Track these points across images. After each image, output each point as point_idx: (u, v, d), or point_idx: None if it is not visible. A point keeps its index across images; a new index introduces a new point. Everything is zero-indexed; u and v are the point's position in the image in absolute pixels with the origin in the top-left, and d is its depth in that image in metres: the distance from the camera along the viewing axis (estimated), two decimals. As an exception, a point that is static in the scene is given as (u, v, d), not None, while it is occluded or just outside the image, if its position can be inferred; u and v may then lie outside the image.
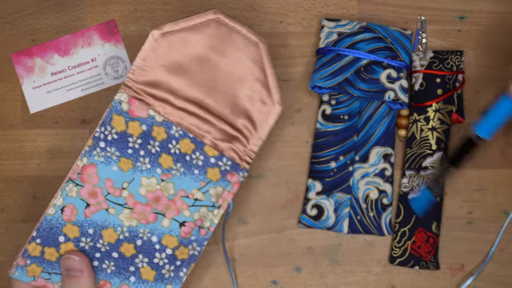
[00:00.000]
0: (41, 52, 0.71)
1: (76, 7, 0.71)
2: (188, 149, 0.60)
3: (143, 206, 0.60)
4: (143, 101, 0.61)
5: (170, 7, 0.71)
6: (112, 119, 0.59)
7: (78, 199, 0.59)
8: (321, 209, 0.69)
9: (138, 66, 0.61)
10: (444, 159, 0.68)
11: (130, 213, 0.60)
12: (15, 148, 0.71)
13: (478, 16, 0.71)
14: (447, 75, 0.69)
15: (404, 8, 0.71)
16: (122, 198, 0.59)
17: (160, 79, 0.61)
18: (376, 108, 0.69)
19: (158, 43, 0.61)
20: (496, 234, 0.70)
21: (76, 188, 0.59)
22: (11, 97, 0.71)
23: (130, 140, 0.59)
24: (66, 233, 0.59)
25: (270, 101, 0.62)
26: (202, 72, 0.62)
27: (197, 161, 0.60)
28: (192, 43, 0.61)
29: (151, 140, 0.60)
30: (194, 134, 0.61)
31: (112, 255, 0.60)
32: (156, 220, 0.60)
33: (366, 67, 0.68)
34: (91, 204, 0.59)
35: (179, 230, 0.60)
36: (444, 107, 0.69)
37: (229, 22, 0.61)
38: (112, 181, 0.59)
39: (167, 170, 0.60)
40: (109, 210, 0.60)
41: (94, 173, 0.59)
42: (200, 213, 0.61)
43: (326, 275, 0.70)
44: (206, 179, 0.61)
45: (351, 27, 0.69)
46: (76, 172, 0.59)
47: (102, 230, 0.60)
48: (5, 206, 0.70)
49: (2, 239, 0.70)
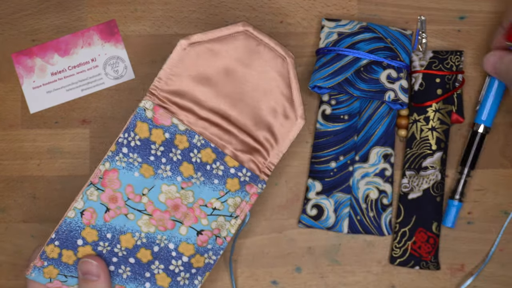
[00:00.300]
0: (41, 52, 0.71)
1: (76, 7, 0.71)
2: (209, 159, 0.61)
3: (162, 213, 0.60)
4: (167, 109, 0.61)
5: (170, 7, 0.71)
6: (136, 126, 0.60)
7: (98, 203, 0.59)
8: (321, 209, 0.69)
9: (164, 75, 0.61)
10: (460, 165, 0.69)
11: (149, 219, 0.60)
12: (15, 148, 0.71)
13: (478, 16, 0.71)
14: (447, 75, 0.69)
15: (404, 8, 0.71)
16: (142, 204, 0.60)
17: (186, 89, 0.61)
18: (376, 108, 0.69)
19: (185, 53, 0.61)
20: (496, 234, 0.70)
21: (97, 192, 0.59)
22: (11, 97, 0.71)
23: (153, 147, 0.60)
24: (84, 237, 0.59)
25: (293, 115, 0.62)
26: (228, 83, 0.62)
27: (217, 171, 0.61)
28: (220, 54, 0.61)
29: (173, 148, 0.60)
30: (215, 144, 0.61)
31: (129, 260, 0.60)
32: (174, 227, 0.60)
33: (366, 67, 0.68)
34: (111, 209, 0.59)
35: (196, 238, 0.61)
36: (444, 107, 0.69)
37: (257, 35, 0.61)
38: (132, 186, 0.60)
39: (188, 179, 0.60)
40: (128, 215, 0.60)
41: (116, 178, 0.59)
42: (218, 222, 0.61)
43: (326, 275, 0.70)
44: (225, 189, 0.61)
45: (351, 27, 0.69)
46: (97, 176, 0.59)
47: (120, 235, 0.60)
48: (5, 206, 0.70)
49: (2, 239, 0.70)
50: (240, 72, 0.62)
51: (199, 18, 0.71)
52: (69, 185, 0.71)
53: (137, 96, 0.71)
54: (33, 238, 0.70)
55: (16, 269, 0.70)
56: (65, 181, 0.71)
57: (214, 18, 0.71)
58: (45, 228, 0.70)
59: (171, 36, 0.71)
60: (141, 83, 0.71)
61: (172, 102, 0.61)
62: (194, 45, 0.61)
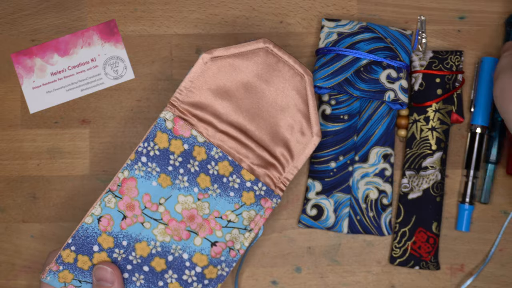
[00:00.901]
0: (40, 52, 0.71)
1: (76, 7, 0.71)
2: (226, 171, 0.61)
3: (177, 223, 0.60)
4: (187, 121, 0.62)
5: (170, 7, 0.71)
6: (155, 136, 0.60)
7: (115, 210, 0.60)
8: (321, 209, 0.69)
9: (185, 87, 0.62)
10: (464, 168, 0.70)
11: (164, 228, 0.60)
12: (15, 148, 0.71)
13: (478, 16, 0.71)
14: (447, 75, 0.69)
15: (404, 8, 0.71)
16: (158, 213, 0.60)
17: (206, 102, 0.62)
18: (376, 108, 0.69)
19: (207, 67, 0.62)
20: (496, 234, 0.70)
21: (115, 200, 0.60)
22: (10, 97, 0.71)
23: (171, 157, 0.60)
24: (100, 243, 0.60)
25: (309, 132, 0.63)
26: (247, 98, 0.63)
27: (234, 184, 0.61)
28: (240, 69, 0.62)
29: (191, 159, 0.61)
30: (233, 158, 0.62)
31: (143, 268, 0.60)
32: (189, 237, 0.61)
33: (366, 67, 0.68)
34: (128, 217, 0.60)
35: (210, 249, 0.61)
36: (444, 107, 0.69)
37: (277, 52, 0.62)
38: (150, 195, 0.60)
39: (204, 190, 0.61)
40: (144, 224, 0.60)
41: (134, 187, 0.60)
42: (232, 234, 0.61)
43: (326, 275, 0.70)
44: (241, 202, 0.62)
45: (351, 27, 0.69)
46: (116, 184, 0.60)
47: (136, 243, 0.60)
48: (5, 206, 0.70)
49: (1, 239, 0.70)
50: (259, 88, 0.63)
51: (199, 18, 0.71)
52: (68, 185, 0.71)
53: (137, 96, 0.71)
54: (33, 238, 0.70)
55: (16, 269, 0.70)
56: (65, 181, 0.71)
57: (214, 18, 0.71)
58: (45, 228, 0.70)
59: (171, 36, 0.71)
60: (141, 83, 0.71)
61: (192, 114, 0.62)
62: (216, 59, 0.62)
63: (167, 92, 0.71)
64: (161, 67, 0.71)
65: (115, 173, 0.71)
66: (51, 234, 0.70)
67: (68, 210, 0.71)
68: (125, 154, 0.71)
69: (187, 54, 0.71)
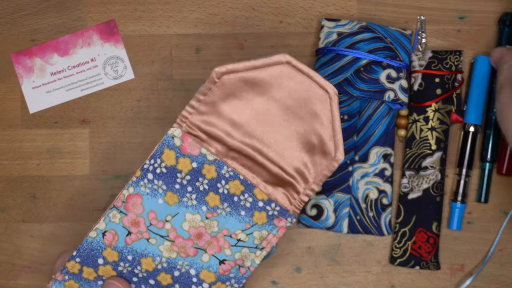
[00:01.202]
0: (40, 52, 0.71)
1: (75, 7, 0.71)
2: (237, 190, 0.59)
3: (184, 241, 0.59)
4: (197, 137, 0.59)
5: (170, 7, 0.71)
6: (163, 153, 0.58)
7: (120, 226, 0.59)
8: (321, 209, 0.69)
9: (196, 103, 0.59)
10: (457, 166, 0.70)
11: (170, 245, 0.59)
12: (15, 148, 0.71)
13: (478, 16, 0.71)
14: (446, 75, 0.69)
15: (404, 8, 0.71)
16: (165, 230, 0.59)
17: (217, 118, 0.59)
18: (376, 108, 0.69)
19: (220, 82, 0.58)
20: (496, 234, 0.70)
21: (120, 215, 0.59)
22: (10, 97, 0.71)
23: (179, 175, 0.59)
24: (105, 257, 0.59)
25: (331, 151, 0.58)
26: (263, 115, 0.59)
27: (245, 203, 0.59)
28: (255, 84, 0.58)
29: (200, 177, 0.59)
30: (245, 176, 0.59)
31: (149, 281, 0.60)
32: (196, 254, 0.59)
33: (366, 67, 0.68)
34: (133, 233, 0.59)
35: (218, 267, 0.60)
36: (444, 107, 0.69)
37: (299, 66, 0.57)
38: (155, 213, 0.59)
39: (213, 209, 0.59)
40: (150, 240, 0.59)
41: (139, 203, 0.59)
42: (242, 253, 0.60)
43: (326, 275, 0.70)
44: (252, 222, 0.59)
45: (351, 27, 0.69)
46: (121, 200, 0.58)
47: (141, 258, 0.59)
48: (5, 206, 0.70)
49: (1, 239, 0.70)
50: (276, 104, 0.59)
51: (199, 18, 0.71)
52: (68, 185, 0.71)
53: (136, 96, 0.71)
54: (33, 238, 0.70)
55: (16, 269, 0.70)
56: (65, 181, 0.71)
57: (214, 18, 0.71)
58: (45, 228, 0.70)
59: (171, 36, 0.71)
60: (141, 83, 0.71)
61: (202, 130, 0.59)
62: (228, 74, 0.58)
63: (167, 92, 0.71)
64: (161, 67, 0.71)
65: (115, 173, 0.71)
66: (51, 234, 0.70)
67: (68, 210, 0.71)
68: (125, 154, 0.71)
69: (187, 54, 0.71)
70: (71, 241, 0.70)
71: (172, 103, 0.71)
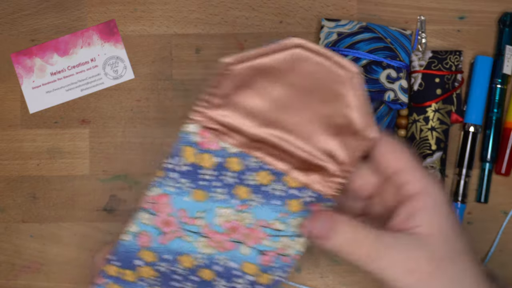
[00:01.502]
0: (40, 52, 0.71)
1: (75, 7, 0.71)
2: (266, 180, 0.57)
3: (220, 235, 0.58)
4: (215, 130, 0.56)
5: (170, 7, 0.71)
6: (182, 151, 0.57)
7: (152, 227, 0.58)
8: (321, 209, 0.69)
9: (209, 95, 0.56)
10: (457, 166, 0.70)
11: (206, 241, 0.58)
12: (15, 148, 0.71)
13: (477, 16, 0.71)
14: (446, 75, 0.69)
15: (404, 8, 0.71)
16: (197, 227, 0.58)
17: (235, 107, 0.56)
18: (376, 108, 0.69)
19: (229, 72, 0.55)
20: (496, 234, 0.70)
21: (150, 217, 0.58)
22: (10, 97, 0.71)
23: (203, 171, 0.57)
24: (142, 258, 0.58)
25: (361, 132, 0.55)
26: (279, 101, 0.56)
27: (276, 192, 0.57)
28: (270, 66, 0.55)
29: (225, 171, 0.57)
30: (273, 165, 0.56)
31: (191, 278, 0.59)
32: (234, 247, 0.58)
33: (366, 67, 0.68)
34: (166, 232, 0.58)
35: (259, 258, 0.58)
36: (444, 107, 0.69)
37: (312, 47, 0.54)
38: (185, 210, 0.57)
39: (243, 201, 0.57)
40: (184, 238, 0.58)
41: (167, 203, 0.57)
42: (281, 242, 0.58)
43: (326, 275, 0.70)
44: (286, 210, 0.58)
45: (351, 27, 0.69)
46: (148, 202, 0.57)
47: (178, 256, 0.58)
48: (5, 206, 0.70)
49: (1, 239, 0.70)
50: (294, 85, 0.55)
51: (199, 18, 0.71)
52: (68, 185, 0.71)
53: (136, 96, 0.71)
54: (33, 238, 0.70)
55: (16, 269, 0.70)
56: (65, 181, 0.71)
57: (214, 18, 0.71)
58: (45, 228, 0.70)
59: (171, 36, 0.71)
60: (141, 83, 0.71)
61: (220, 123, 0.56)
62: (237, 65, 0.55)
63: (167, 92, 0.71)
64: (161, 67, 0.71)
65: (115, 173, 0.71)
66: (51, 234, 0.70)
67: (68, 210, 0.71)
68: (125, 154, 0.71)
69: (187, 54, 0.71)
70: (71, 241, 0.70)
71: (172, 103, 0.71)
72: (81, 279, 0.71)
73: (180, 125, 0.71)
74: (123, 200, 0.71)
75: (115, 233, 0.71)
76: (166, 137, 0.71)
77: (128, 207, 0.71)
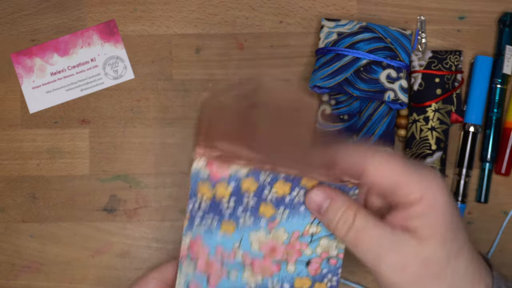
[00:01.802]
0: (40, 52, 0.71)
1: (75, 7, 0.71)
2: (285, 190, 0.56)
3: (262, 261, 0.57)
4: (221, 157, 0.56)
5: (170, 7, 0.71)
6: (198, 189, 0.56)
7: (197, 274, 0.57)
8: (321, 209, 0.69)
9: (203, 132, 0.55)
10: (457, 166, 0.70)
11: (251, 270, 0.58)
12: (15, 148, 0.71)
13: (477, 16, 0.71)
14: (446, 75, 0.69)
15: (404, 8, 0.71)
16: (239, 259, 0.57)
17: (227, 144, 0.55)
18: (376, 108, 0.69)
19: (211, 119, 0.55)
20: (496, 234, 0.70)
21: (191, 263, 0.57)
22: (10, 97, 0.71)
23: (223, 202, 0.56)
24: None
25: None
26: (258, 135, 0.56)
27: (299, 198, 0.56)
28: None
29: (244, 195, 0.57)
30: (285, 172, 0.56)
31: None
32: (280, 268, 0.57)
33: (366, 67, 0.68)
34: (212, 275, 0.58)
35: (307, 269, 0.57)
36: (443, 107, 0.69)
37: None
38: (222, 247, 0.57)
39: (271, 219, 0.57)
40: (230, 275, 0.58)
41: (202, 245, 0.57)
42: (322, 245, 0.57)
43: (340, 275, 0.70)
44: None
45: (351, 27, 0.69)
46: (185, 250, 0.57)
47: None
48: (5, 206, 0.70)
49: (1, 239, 0.70)
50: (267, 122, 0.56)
51: (199, 18, 0.71)
52: (68, 185, 0.71)
53: (136, 96, 0.71)
54: (32, 238, 0.70)
55: (16, 269, 0.70)
56: (65, 181, 0.71)
57: (214, 18, 0.71)
58: (45, 228, 0.70)
59: (171, 36, 0.71)
60: (141, 83, 0.71)
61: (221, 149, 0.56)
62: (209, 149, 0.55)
63: (167, 92, 0.71)
64: (161, 67, 0.71)
65: (115, 173, 0.71)
66: (51, 234, 0.70)
67: (68, 210, 0.71)
68: (125, 154, 0.71)
69: (187, 54, 0.71)
70: (71, 241, 0.70)
71: (172, 103, 0.71)
72: (81, 279, 0.71)
73: (180, 125, 0.71)
74: (123, 200, 0.71)
75: (115, 234, 0.71)
76: (166, 138, 0.71)
77: (128, 207, 0.71)
